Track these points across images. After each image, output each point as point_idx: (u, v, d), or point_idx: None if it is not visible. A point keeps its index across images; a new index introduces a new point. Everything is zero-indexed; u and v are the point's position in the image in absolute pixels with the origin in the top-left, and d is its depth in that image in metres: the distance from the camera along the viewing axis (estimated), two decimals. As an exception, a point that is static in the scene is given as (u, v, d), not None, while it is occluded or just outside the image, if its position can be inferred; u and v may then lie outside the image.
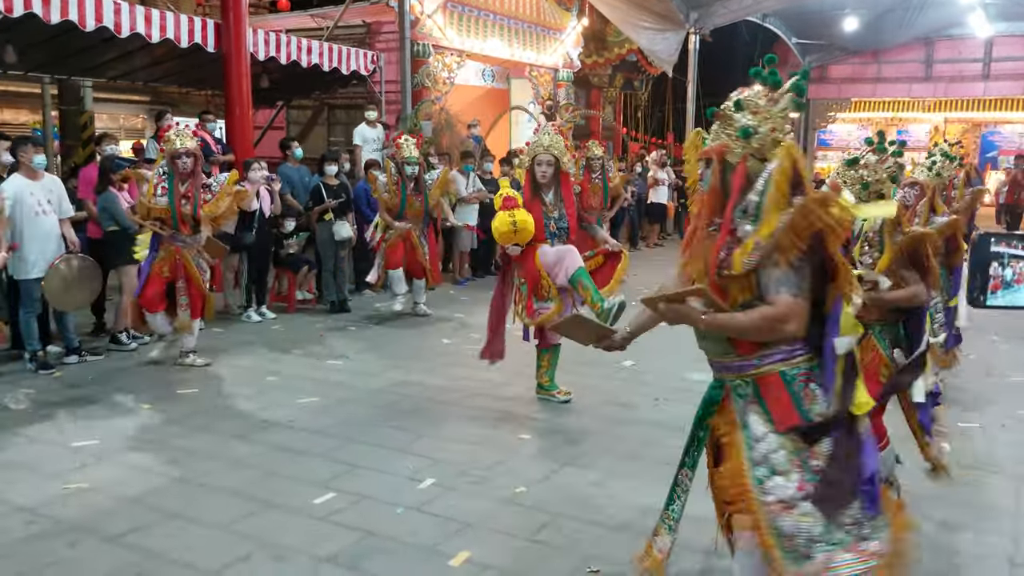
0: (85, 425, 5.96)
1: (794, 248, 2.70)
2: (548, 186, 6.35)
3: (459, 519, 4.46)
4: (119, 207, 7.78)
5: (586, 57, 19.73)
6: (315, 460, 5.30)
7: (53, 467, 5.16)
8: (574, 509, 4.58)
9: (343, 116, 15.85)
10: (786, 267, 2.72)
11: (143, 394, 6.73)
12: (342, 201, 10.02)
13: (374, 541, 4.20)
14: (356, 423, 6.03)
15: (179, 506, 4.60)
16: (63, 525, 4.36)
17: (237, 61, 10.93)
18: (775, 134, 2.85)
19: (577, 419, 6.20)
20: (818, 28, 23.44)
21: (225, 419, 6.11)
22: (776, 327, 2.76)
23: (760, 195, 2.80)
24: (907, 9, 21.71)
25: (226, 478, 5.01)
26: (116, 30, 9.69)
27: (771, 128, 2.85)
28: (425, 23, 13.99)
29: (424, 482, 4.96)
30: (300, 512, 4.53)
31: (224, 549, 4.10)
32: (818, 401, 2.82)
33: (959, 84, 25.16)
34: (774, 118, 2.86)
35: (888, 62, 25.77)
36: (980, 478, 5.12)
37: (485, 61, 16.58)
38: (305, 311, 10.11)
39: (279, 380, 7.15)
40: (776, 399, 2.85)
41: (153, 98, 16.67)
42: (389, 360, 7.85)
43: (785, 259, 2.71)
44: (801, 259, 2.72)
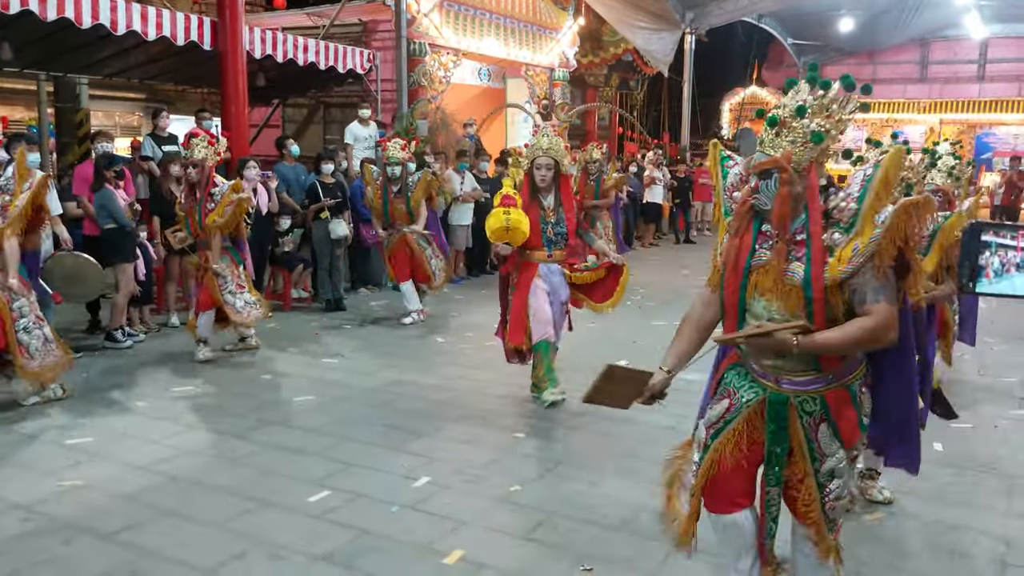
0: (80, 422, 5.96)
1: (893, 253, 2.72)
2: (547, 190, 6.30)
3: (454, 518, 4.47)
4: (116, 204, 7.78)
5: (582, 57, 19.74)
6: (310, 458, 5.30)
7: (48, 464, 5.16)
8: (569, 508, 4.59)
9: (339, 115, 15.83)
10: (883, 274, 2.74)
11: (138, 391, 6.73)
12: (339, 200, 10.02)
13: (369, 539, 4.21)
14: (351, 422, 6.04)
15: (174, 504, 4.61)
16: (58, 522, 4.36)
17: (233, 59, 10.91)
18: (843, 136, 2.85)
19: (571, 418, 6.21)
20: (814, 29, 23.51)
21: (220, 417, 6.11)
22: (879, 337, 2.75)
23: (858, 201, 2.78)
24: (903, 10, 21.79)
25: (221, 476, 5.01)
26: (112, 28, 9.67)
27: (840, 131, 2.84)
28: (421, 22, 13.98)
29: (419, 480, 4.96)
30: (295, 510, 4.53)
31: (219, 547, 4.11)
32: (866, 404, 2.99)
33: (954, 85, 25.25)
34: (844, 121, 2.84)
35: (883, 63, 25.85)
36: (973, 478, 5.14)
37: (481, 60, 16.58)
38: (300, 309, 10.11)
39: (274, 378, 7.16)
40: (846, 418, 2.94)
41: (149, 96, 16.66)
42: (384, 359, 7.85)
43: (883, 266, 2.72)
44: (891, 266, 2.75)
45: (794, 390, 2.94)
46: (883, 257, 2.71)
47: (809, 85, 2.87)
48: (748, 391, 3.05)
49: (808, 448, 2.97)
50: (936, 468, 5.11)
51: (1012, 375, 7.47)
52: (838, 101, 2.83)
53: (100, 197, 7.82)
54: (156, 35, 10.19)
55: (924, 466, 4.80)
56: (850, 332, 2.75)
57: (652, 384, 3.16)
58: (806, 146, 2.78)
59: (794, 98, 2.86)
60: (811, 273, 2.77)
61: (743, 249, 2.94)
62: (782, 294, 2.84)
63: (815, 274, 2.76)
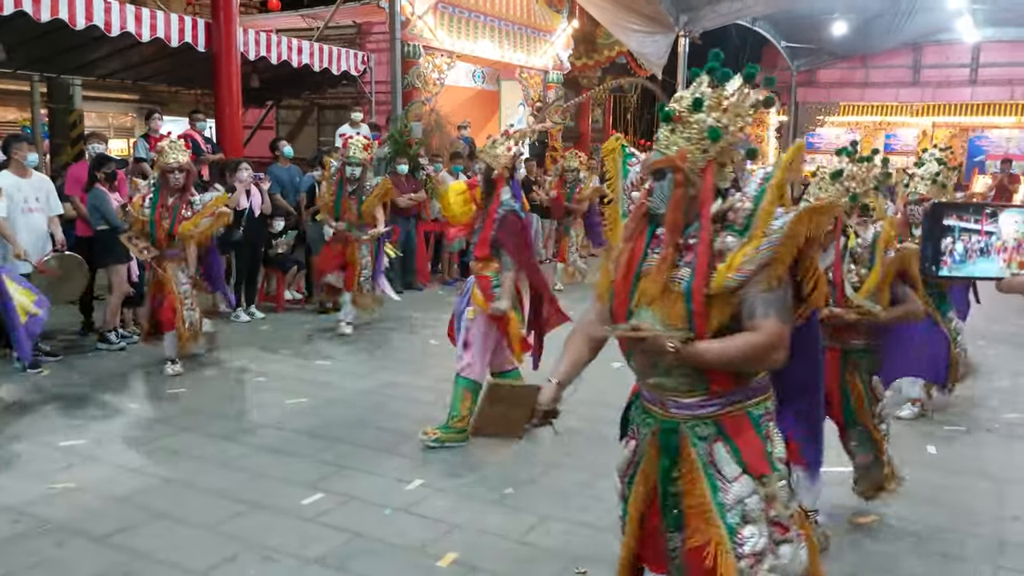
0: (72, 424, 5.94)
1: (787, 263, 2.48)
2: (486, 196, 5.72)
3: (447, 520, 4.46)
4: (109, 206, 7.76)
5: (576, 59, 19.76)
6: (303, 461, 5.29)
7: (40, 466, 5.14)
8: (562, 510, 4.59)
9: (333, 116, 15.84)
10: (776, 285, 2.46)
11: (131, 393, 6.72)
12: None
13: (362, 542, 4.20)
14: (344, 424, 6.03)
15: (166, 506, 4.59)
16: (50, 525, 4.35)
17: (227, 61, 10.91)
18: (742, 134, 2.57)
19: (563, 420, 6.15)
20: (807, 32, 23.52)
21: (213, 419, 6.09)
22: (763, 357, 2.48)
23: (754, 202, 2.54)
24: (895, 14, 21.79)
25: (214, 478, 5.00)
26: (106, 29, 9.67)
27: (740, 127, 2.56)
28: (416, 24, 13.98)
29: (412, 483, 4.96)
30: (288, 513, 4.53)
31: (211, 550, 4.10)
32: (777, 444, 2.63)
33: (947, 89, 25.29)
34: (744, 115, 2.57)
35: (876, 67, 25.87)
36: (966, 482, 5.15)
37: (475, 62, 16.59)
38: (294, 311, 10.09)
39: (267, 380, 7.14)
40: (746, 441, 2.58)
41: (142, 97, 16.63)
42: (377, 361, 7.84)
43: (777, 275, 2.46)
44: (784, 278, 2.50)
45: (683, 415, 2.61)
46: (777, 267, 2.45)
47: (709, 76, 2.59)
48: (643, 424, 2.76)
49: (706, 474, 2.58)
50: (929, 472, 5.13)
51: (1005, 379, 7.49)
52: (739, 94, 2.56)
53: (92, 197, 7.80)
54: (150, 36, 10.19)
55: (917, 470, 4.86)
56: (732, 345, 2.46)
57: (541, 401, 2.79)
58: (702, 143, 2.53)
59: (694, 92, 2.58)
60: (692, 284, 2.48)
61: (635, 254, 2.65)
62: (667, 304, 2.54)
63: (696, 285, 2.47)
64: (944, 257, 1.87)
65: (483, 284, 5.61)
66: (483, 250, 5.61)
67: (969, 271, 2.19)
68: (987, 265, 2.19)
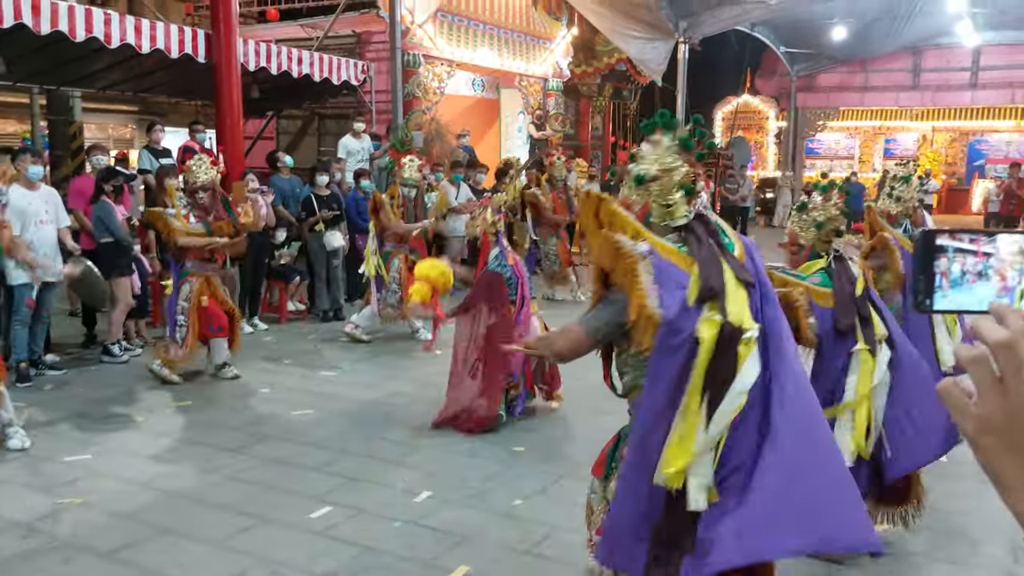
0: (78, 438, 5.91)
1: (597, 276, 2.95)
2: None
3: (457, 532, 4.43)
4: (115, 219, 7.74)
5: (575, 67, 19.75)
6: (311, 473, 5.26)
7: (46, 481, 5.11)
8: (572, 521, 4.53)
9: (333, 126, 15.83)
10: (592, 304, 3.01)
11: (136, 407, 6.68)
12: (335, 213, 9.98)
13: (372, 556, 4.17)
14: (351, 435, 6.00)
15: (173, 521, 4.56)
16: (57, 541, 4.32)
17: (228, 71, 10.88)
18: (670, 175, 2.81)
19: (570, 430, 6.19)
20: (807, 37, 23.56)
21: (219, 432, 6.06)
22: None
23: None
24: (895, 18, 21.83)
25: (221, 492, 4.97)
26: (106, 40, 9.65)
27: (663, 169, 2.83)
28: (415, 33, 13.98)
29: (420, 495, 4.93)
30: (296, 527, 4.49)
31: (219, 565, 4.07)
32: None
33: (947, 93, 25.32)
34: (661, 158, 2.85)
35: (876, 71, 25.91)
36: (980, 489, 5.11)
37: (475, 71, 16.60)
38: (297, 321, 10.07)
39: (273, 392, 7.11)
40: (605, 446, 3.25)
41: (142, 108, 16.63)
42: (382, 371, 7.82)
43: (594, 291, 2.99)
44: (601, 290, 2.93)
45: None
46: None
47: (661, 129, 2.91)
48: None
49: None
50: (946, 465, 5.09)
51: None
52: (653, 142, 2.89)
53: (98, 210, 7.78)
54: (150, 48, 10.17)
55: (933, 464, 4.80)
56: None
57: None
58: (634, 189, 2.89)
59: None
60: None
61: None
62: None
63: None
64: (939, 287, 1.64)
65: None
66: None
67: (967, 302, 1.91)
68: (986, 291, 1.96)
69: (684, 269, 2.71)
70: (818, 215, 4.28)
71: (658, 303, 2.64)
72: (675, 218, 2.84)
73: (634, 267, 2.65)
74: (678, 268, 2.70)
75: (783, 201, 23.33)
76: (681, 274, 2.69)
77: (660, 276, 2.66)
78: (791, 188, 24.21)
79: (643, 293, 2.63)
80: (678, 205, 2.84)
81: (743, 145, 25.86)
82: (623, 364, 2.90)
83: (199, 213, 7.20)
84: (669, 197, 2.83)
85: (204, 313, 7.23)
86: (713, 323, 2.65)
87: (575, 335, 2.82)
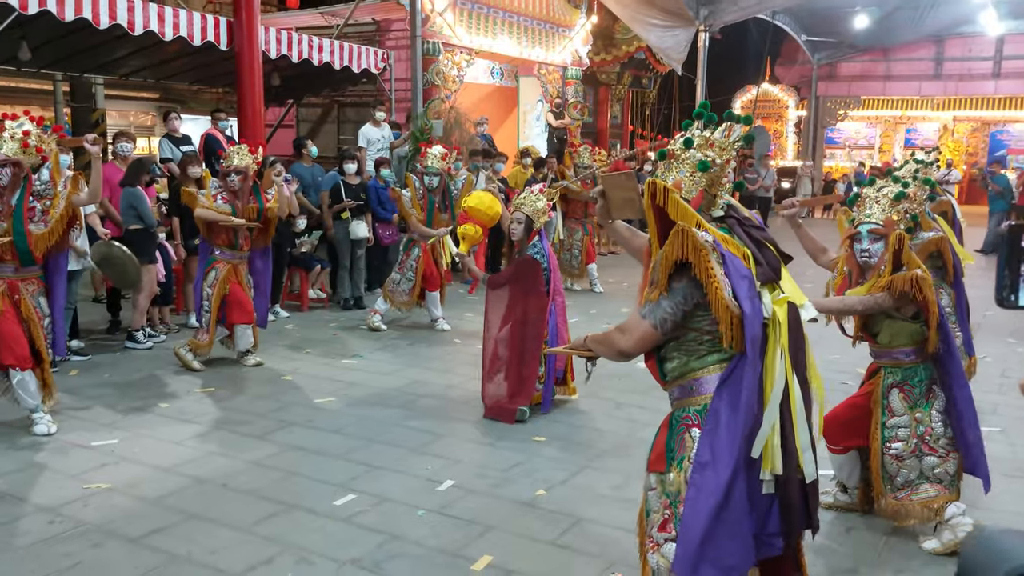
0: (104, 424, 5.96)
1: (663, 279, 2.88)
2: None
3: (480, 522, 4.46)
4: (145, 205, 7.81)
5: (594, 55, 19.68)
6: (334, 461, 5.30)
7: (74, 467, 5.16)
8: (596, 512, 4.58)
9: (353, 114, 15.84)
10: (653, 299, 2.89)
11: (161, 393, 6.73)
12: (360, 202, 9.99)
13: (396, 544, 4.20)
14: (373, 423, 6.03)
15: (200, 507, 4.61)
16: (85, 526, 4.37)
17: (249, 59, 10.92)
18: (728, 166, 2.88)
19: (593, 421, 6.20)
20: (828, 25, 23.40)
21: (243, 418, 6.11)
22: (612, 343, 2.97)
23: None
24: (918, 7, 21.66)
25: (246, 478, 5.01)
26: (129, 28, 9.70)
27: (726, 160, 2.86)
28: (435, 21, 13.96)
29: (443, 484, 4.95)
30: (321, 514, 4.53)
31: (247, 551, 4.10)
32: (691, 448, 2.81)
33: (969, 82, 25.11)
34: (728, 150, 2.87)
35: (898, 60, 25.72)
36: (1003, 484, 5.09)
37: (494, 59, 16.55)
38: (318, 309, 10.12)
39: (295, 379, 7.16)
40: (656, 441, 2.97)
41: (164, 95, 16.71)
42: (403, 359, 7.85)
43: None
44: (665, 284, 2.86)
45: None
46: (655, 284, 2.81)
47: (700, 122, 2.94)
48: None
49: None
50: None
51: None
52: (724, 131, 2.89)
53: (130, 196, 7.83)
54: (173, 35, 10.21)
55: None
56: (600, 333, 3.03)
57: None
58: (694, 175, 2.84)
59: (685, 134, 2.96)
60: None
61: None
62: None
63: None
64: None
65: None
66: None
67: None
68: None
69: (740, 257, 2.78)
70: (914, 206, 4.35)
71: (732, 295, 2.69)
72: (716, 208, 2.89)
73: (708, 260, 2.68)
74: (737, 257, 2.76)
75: (803, 191, 23.21)
76: (740, 262, 2.75)
77: (727, 267, 2.71)
78: (811, 177, 24.08)
79: (719, 286, 2.67)
80: (721, 196, 2.91)
81: (763, 134, 25.73)
82: (669, 351, 2.89)
83: (227, 196, 7.24)
84: (718, 187, 2.88)
85: (229, 300, 7.28)
86: (781, 302, 2.79)
87: (642, 331, 2.81)
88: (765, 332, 2.77)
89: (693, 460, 2.77)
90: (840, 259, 4.67)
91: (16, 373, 5.63)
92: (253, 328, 7.47)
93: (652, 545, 2.90)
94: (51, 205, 5.75)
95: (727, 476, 2.68)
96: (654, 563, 2.89)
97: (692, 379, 2.85)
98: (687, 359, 2.85)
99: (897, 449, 4.32)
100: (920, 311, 4.16)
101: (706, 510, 2.68)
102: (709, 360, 2.82)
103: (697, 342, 2.82)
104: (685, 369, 2.86)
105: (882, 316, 4.27)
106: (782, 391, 2.77)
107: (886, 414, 4.36)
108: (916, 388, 4.32)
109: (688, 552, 2.70)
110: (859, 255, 4.31)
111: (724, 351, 2.79)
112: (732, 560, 2.70)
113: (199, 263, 7.51)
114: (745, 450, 2.71)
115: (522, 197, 6.41)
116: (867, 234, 4.27)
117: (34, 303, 5.78)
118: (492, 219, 6.82)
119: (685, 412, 2.86)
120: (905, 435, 4.31)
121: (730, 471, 2.69)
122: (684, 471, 2.80)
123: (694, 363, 2.84)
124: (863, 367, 4.80)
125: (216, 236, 7.26)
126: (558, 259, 11.56)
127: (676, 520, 2.80)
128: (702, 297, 2.73)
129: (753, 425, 2.72)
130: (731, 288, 2.69)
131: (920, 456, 4.30)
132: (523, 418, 6.06)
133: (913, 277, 4.05)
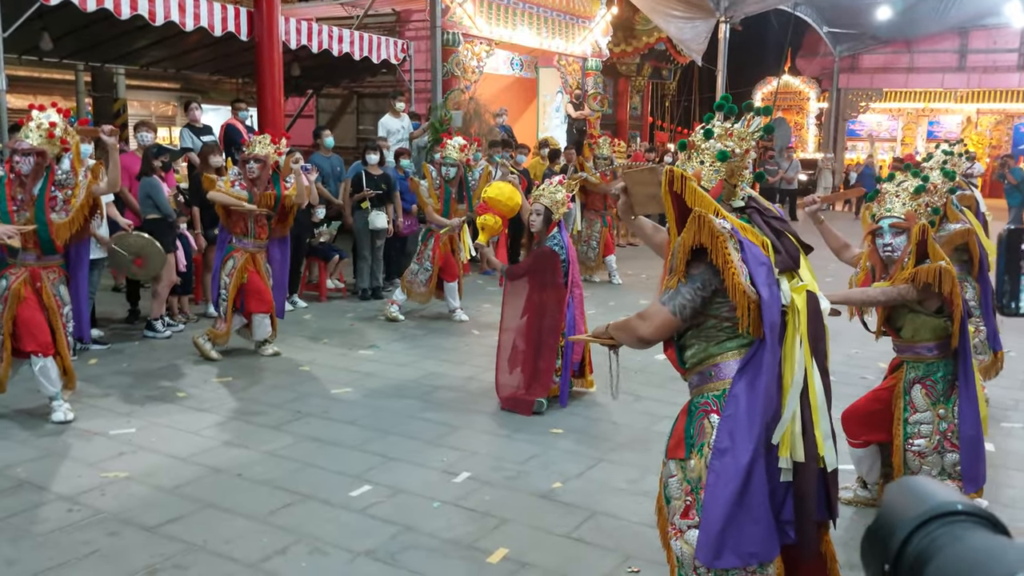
0: (122, 413, 6.00)
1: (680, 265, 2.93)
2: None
3: (496, 514, 4.45)
4: (162, 195, 7.84)
5: (614, 46, 19.59)
6: (350, 452, 5.30)
7: (92, 455, 5.19)
8: (612, 506, 4.56)
9: (372, 105, 15.85)
10: (673, 286, 2.93)
11: (179, 382, 6.76)
12: (380, 192, 9.98)
13: (411, 536, 4.19)
14: (389, 414, 6.03)
15: (216, 496, 4.62)
16: (102, 514, 4.39)
17: (270, 49, 10.94)
18: (748, 156, 2.92)
19: (607, 413, 6.18)
20: (850, 17, 23.19)
21: (260, 408, 6.13)
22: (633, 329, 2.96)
23: None
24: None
25: (262, 468, 5.02)
26: (150, 18, 9.74)
27: (746, 150, 2.90)
28: (455, 11, 13.93)
29: (459, 476, 4.95)
30: (337, 505, 4.53)
31: (263, 541, 4.11)
32: (711, 435, 2.82)
33: (993, 75, 24.85)
34: (748, 140, 2.91)
35: (921, 52, 25.47)
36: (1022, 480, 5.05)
37: (514, 50, 16.50)
38: (336, 300, 10.13)
39: (312, 370, 7.17)
40: (675, 429, 3.00)
41: (184, 86, 16.77)
42: (419, 350, 7.85)
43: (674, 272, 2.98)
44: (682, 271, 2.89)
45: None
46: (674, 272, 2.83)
47: (721, 113, 2.97)
48: None
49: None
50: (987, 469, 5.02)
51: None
52: (744, 122, 2.93)
53: (146, 186, 7.87)
54: (193, 25, 10.25)
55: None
56: (622, 320, 3.02)
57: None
58: (714, 165, 2.88)
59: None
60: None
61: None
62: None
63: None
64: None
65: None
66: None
67: None
68: None
69: (758, 244, 2.79)
70: (935, 199, 4.34)
71: (749, 281, 2.70)
72: (736, 199, 2.92)
73: (725, 245, 2.68)
74: (755, 245, 2.77)
75: (823, 183, 23.05)
76: (758, 250, 2.76)
77: (744, 253, 2.71)
78: (831, 170, 23.91)
79: (736, 272, 2.68)
80: (741, 187, 2.94)
81: (783, 126, 25.56)
82: (688, 338, 2.90)
83: (245, 183, 7.25)
84: (738, 177, 2.92)
85: (247, 288, 7.29)
86: (800, 290, 2.80)
87: (662, 318, 2.82)
88: (784, 319, 2.78)
89: (712, 446, 2.78)
90: (863, 255, 4.63)
91: (38, 360, 5.67)
92: (272, 318, 7.48)
93: (675, 532, 2.92)
94: (72, 195, 5.77)
95: (746, 461, 2.69)
96: (678, 550, 2.90)
97: (711, 365, 2.85)
98: (706, 345, 2.86)
99: (919, 446, 4.29)
100: (944, 305, 4.12)
101: (726, 496, 2.70)
102: (728, 346, 2.82)
103: (716, 329, 2.83)
104: (704, 355, 2.86)
105: (905, 310, 4.23)
106: (802, 379, 2.76)
107: (908, 410, 4.32)
108: (939, 384, 4.28)
109: (710, 538, 2.73)
110: (882, 250, 4.27)
111: (743, 337, 2.79)
112: (754, 547, 2.71)
113: (216, 251, 7.54)
114: (764, 435, 2.72)
115: (541, 188, 6.40)
116: (889, 228, 4.23)
117: (55, 291, 5.81)
118: (512, 210, 6.80)
119: (704, 398, 2.87)
120: (928, 431, 4.28)
121: (749, 456, 2.70)
122: (704, 457, 2.81)
123: (713, 349, 2.85)
124: (884, 362, 4.77)
125: (234, 224, 7.28)
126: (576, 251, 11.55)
127: (698, 507, 2.82)
128: (720, 283, 2.73)
129: (772, 410, 2.72)
130: (748, 274, 2.69)
131: (942, 453, 4.26)
132: (540, 410, 6.05)
133: (937, 269, 4.01)
